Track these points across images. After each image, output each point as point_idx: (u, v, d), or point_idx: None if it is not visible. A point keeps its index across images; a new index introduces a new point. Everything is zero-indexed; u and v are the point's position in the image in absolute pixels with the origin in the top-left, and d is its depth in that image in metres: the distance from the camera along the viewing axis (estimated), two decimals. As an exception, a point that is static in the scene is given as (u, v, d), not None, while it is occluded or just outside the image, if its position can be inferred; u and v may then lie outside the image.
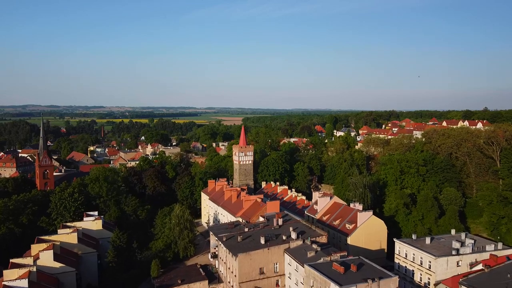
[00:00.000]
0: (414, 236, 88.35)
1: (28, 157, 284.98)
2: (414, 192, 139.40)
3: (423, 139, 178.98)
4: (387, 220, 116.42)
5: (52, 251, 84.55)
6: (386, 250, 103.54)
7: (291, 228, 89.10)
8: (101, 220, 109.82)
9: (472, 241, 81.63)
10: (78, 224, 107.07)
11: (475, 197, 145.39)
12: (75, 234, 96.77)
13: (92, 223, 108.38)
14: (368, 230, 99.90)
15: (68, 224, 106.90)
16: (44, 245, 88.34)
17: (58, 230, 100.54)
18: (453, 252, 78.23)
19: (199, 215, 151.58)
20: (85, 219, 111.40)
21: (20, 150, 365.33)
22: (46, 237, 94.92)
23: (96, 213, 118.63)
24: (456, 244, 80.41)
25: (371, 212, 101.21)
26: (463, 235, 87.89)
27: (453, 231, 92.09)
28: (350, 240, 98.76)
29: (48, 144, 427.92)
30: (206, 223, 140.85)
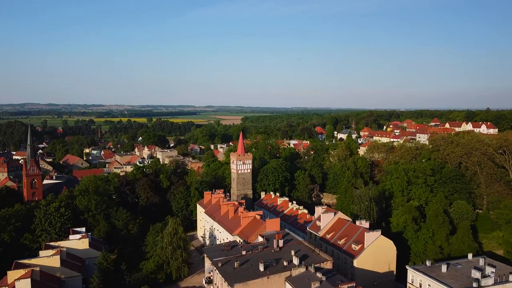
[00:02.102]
0: (428, 263, 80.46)
1: (21, 161, 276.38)
2: (422, 204, 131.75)
3: (430, 146, 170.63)
4: (395, 237, 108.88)
5: (29, 279, 76.48)
6: (395, 272, 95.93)
7: (292, 252, 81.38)
8: (87, 239, 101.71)
9: (493, 269, 73.75)
10: (62, 243, 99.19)
11: (486, 209, 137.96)
12: (58, 257, 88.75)
13: (77, 242, 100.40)
14: (376, 252, 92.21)
15: (52, 244, 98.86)
16: (21, 272, 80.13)
17: (40, 252, 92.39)
18: (474, 284, 70.30)
19: (194, 227, 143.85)
20: (70, 237, 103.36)
21: (14, 152, 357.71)
22: (25, 261, 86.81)
23: (83, 229, 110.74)
24: (476, 274, 72.59)
25: (379, 232, 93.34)
26: (481, 260, 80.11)
27: (470, 256, 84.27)
28: (356, 263, 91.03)
29: (43, 145, 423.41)
30: (201, 237, 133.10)
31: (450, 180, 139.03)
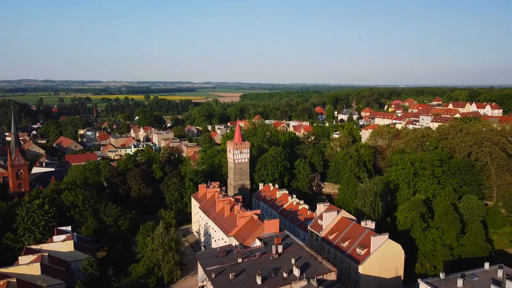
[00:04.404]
0: (442, 275, 73.49)
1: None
2: (429, 196, 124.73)
3: (438, 134, 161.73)
4: (401, 236, 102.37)
5: (4, 294, 69.88)
6: (402, 277, 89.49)
7: (293, 260, 74.29)
8: (72, 241, 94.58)
9: (514, 284, 66.79)
10: (45, 246, 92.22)
11: (496, 201, 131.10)
12: (38, 264, 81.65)
13: (61, 244, 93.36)
14: (383, 256, 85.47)
15: (33, 247, 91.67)
16: (-4, 284, 73.46)
17: (19, 258, 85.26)
18: (494, 303, 63.64)
19: (189, 220, 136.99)
20: (55, 238, 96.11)
21: (7, 134, 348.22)
22: (2, 270, 79.67)
23: (69, 228, 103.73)
24: (495, 290, 65.76)
25: (386, 236, 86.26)
26: (500, 271, 73.13)
27: (486, 265, 77.26)
28: (362, 269, 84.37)
29: (37, 126, 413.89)
30: (196, 232, 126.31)
31: (459, 171, 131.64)
